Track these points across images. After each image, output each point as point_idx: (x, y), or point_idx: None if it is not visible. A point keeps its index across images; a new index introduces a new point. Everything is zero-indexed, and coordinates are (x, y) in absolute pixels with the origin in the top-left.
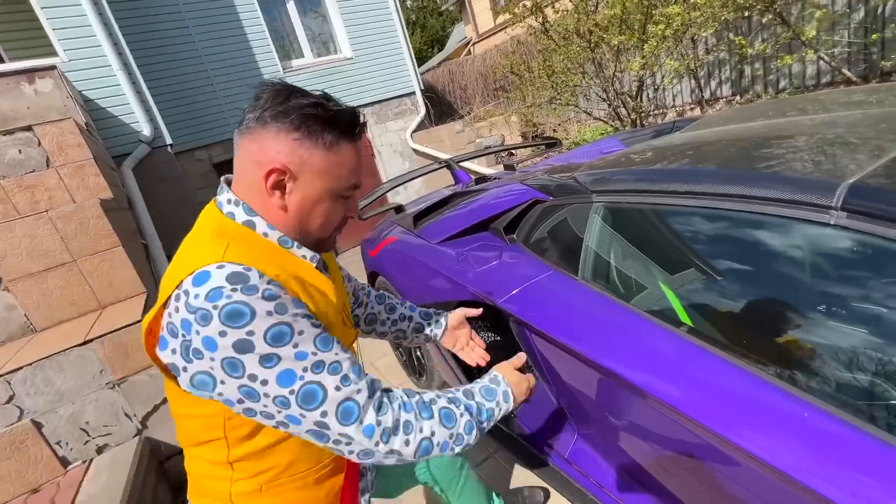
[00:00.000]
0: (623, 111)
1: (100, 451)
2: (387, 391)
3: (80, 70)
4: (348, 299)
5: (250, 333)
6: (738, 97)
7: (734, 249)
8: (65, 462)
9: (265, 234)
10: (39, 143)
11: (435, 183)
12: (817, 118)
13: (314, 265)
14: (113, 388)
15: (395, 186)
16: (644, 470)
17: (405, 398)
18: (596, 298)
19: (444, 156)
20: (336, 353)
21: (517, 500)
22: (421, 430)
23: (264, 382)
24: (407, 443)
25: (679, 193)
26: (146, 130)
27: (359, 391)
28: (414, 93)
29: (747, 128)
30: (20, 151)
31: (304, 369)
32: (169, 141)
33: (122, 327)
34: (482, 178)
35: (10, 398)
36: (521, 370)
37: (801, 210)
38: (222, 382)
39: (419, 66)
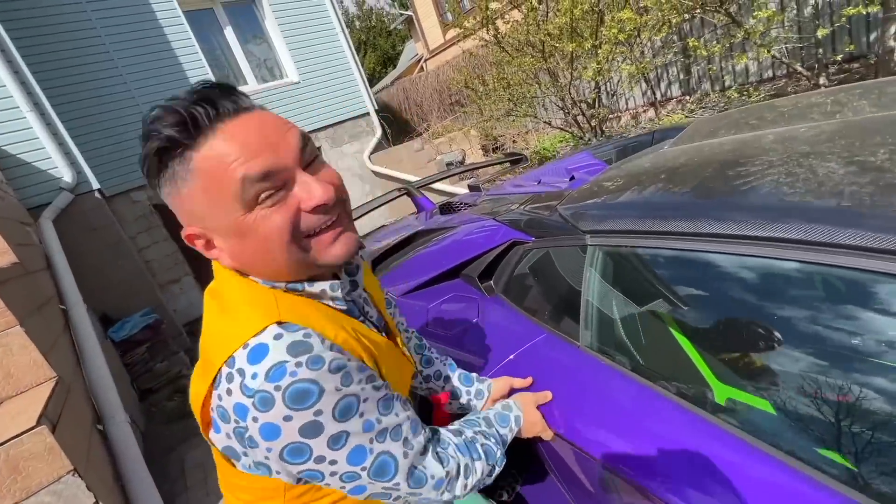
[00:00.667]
0: (581, 118)
1: None
2: (436, 434)
3: None
4: (393, 322)
5: (318, 413)
6: (688, 96)
7: (797, 312)
8: None
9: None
10: None
11: (400, 209)
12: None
13: (340, 294)
14: None
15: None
16: None
17: (453, 439)
18: (606, 373)
19: (407, 176)
20: (396, 415)
21: None
22: (475, 472)
23: (333, 462)
24: (465, 486)
25: (705, 236)
26: (67, 176)
27: (422, 452)
28: (368, 113)
29: (759, 137)
30: None
31: (372, 440)
32: (96, 185)
33: (11, 438)
34: (447, 205)
35: None
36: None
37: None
38: (283, 469)
39: (373, 85)
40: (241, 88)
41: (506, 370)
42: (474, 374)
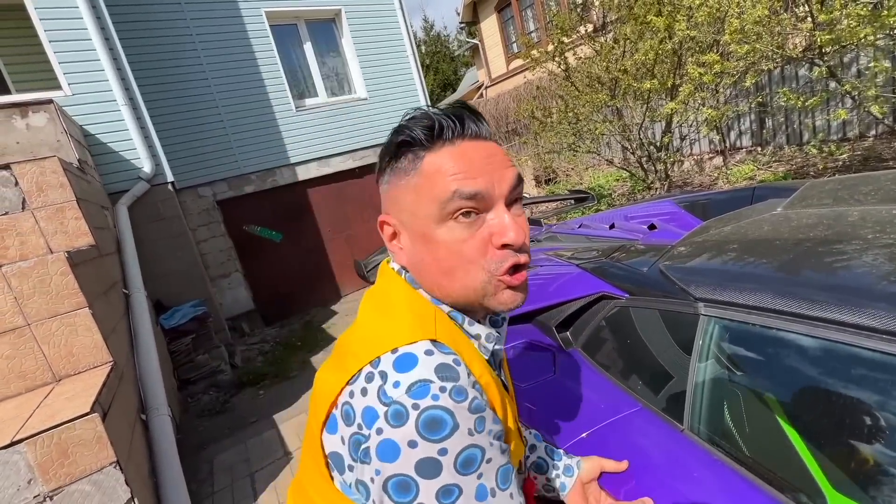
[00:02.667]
0: (646, 161)
1: None
2: None
3: (82, 104)
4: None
5: (442, 452)
6: (759, 148)
7: None
8: None
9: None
10: (16, 183)
11: None
12: None
13: (492, 346)
14: (43, 502)
15: None
16: None
17: None
18: (715, 467)
19: None
20: (511, 496)
21: None
22: None
23: None
24: None
25: (854, 327)
26: (147, 167)
27: None
28: None
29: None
30: None
31: None
32: (170, 178)
33: (65, 422)
34: None
35: None
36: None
37: None
38: (379, 500)
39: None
40: (312, 100)
41: (589, 444)
42: (561, 450)
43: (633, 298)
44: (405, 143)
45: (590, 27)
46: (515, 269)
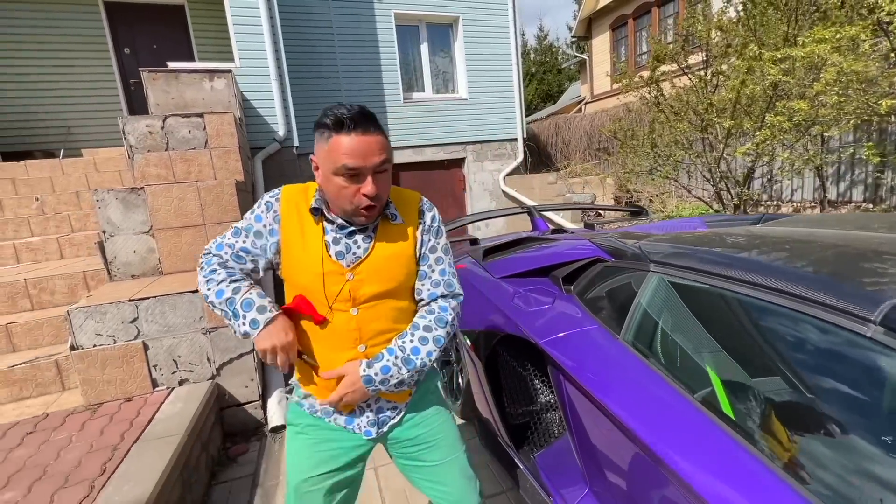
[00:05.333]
0: (727, 195)
1: (181, 383)
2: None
3: (246, 75)
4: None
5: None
6: (871, 205)
7: (773, 341)
8: (155, 384)
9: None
10: (204, 129)
11: (517, 226)
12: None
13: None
14: (205, 333)
15: (475, 221)
16: None
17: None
18: (632, 360)
19: (531, 202)
20: (227, 237)
21: None
22: (204, 285)
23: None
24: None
25: (727, 278)
26: (281, 131)
27: (216, 244)
28: (516, 139)
29: (823, 233)
30: (189, 132)
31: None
32: (296, 143)
33: None
34: (559, 230)
35: (134, 319)
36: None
37: (839, 317)
38: None
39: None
40: (418, 94)
41: (565, 341)
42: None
43: (616, 261)
44: (324, 124)
45: (693, 59)
46: (368, 208)
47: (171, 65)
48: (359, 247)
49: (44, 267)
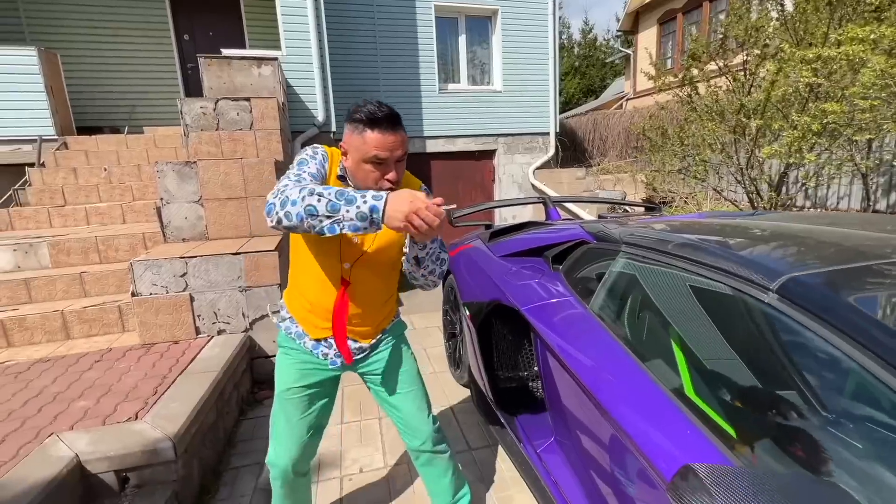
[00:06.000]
0: (756, 197)
1: (219, 332)
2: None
3: (290, 63)
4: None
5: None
6: None
7: (702, 307)
8: (198, 331)
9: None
10: (251, 111)
11: (544, 217)
12: (838, 231)
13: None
14: (242, 291)
15: (488, 209)
16: (595, 485)
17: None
18: (593, 325)
19: (555, 194)
20: (297, 175)
21: None
22: (290, 195)
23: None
24: (275, 194)
25: (669, 255)
26: (320, 117)
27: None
28: (548, 133)
29: (769, 224)
30: (237, 114)
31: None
32: (333, 128)
33: (261, 251)
34: (568, 220)
35: (184, 274)
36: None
37: (743, 285)
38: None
39: (569, 109)
40: (454, 85)
41: (537, 308)
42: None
43: (597, 244)
44: (359, 119)
45: (734, 59)
46: (390, 189)
47: (225, 51)
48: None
49: (109, 229)
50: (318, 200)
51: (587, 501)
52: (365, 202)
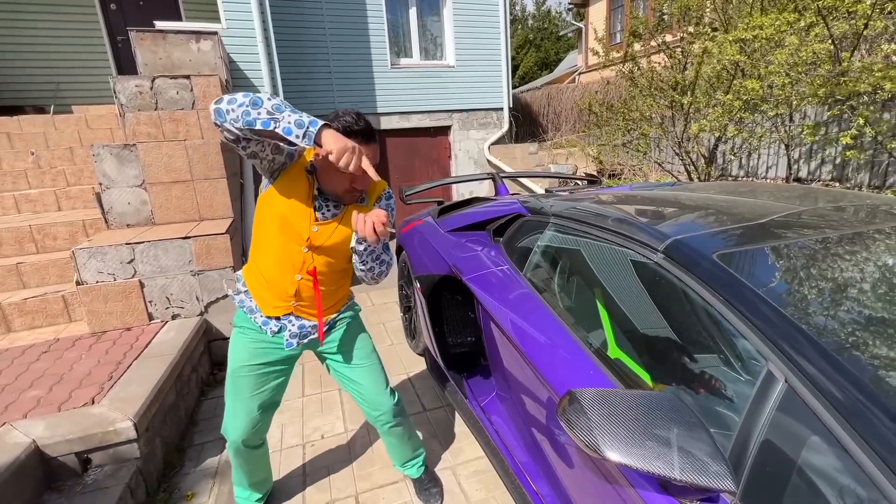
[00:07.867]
0: (692, 169)
1: (174, 317)
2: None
3: (232, 37)
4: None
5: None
6: (837, 183)
7: (606, 268)
8: (150, 317)
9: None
10: (191, 90)
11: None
12: (731, 199)
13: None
14: (194, 275)
15: (438, 186)
16: (528, 428)
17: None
18: (524, 290)
19: (509, 170)
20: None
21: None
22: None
23: None
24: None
25: (585, 223)
26: (268, 94)
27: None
28: (501, 109)
29: (684, 195)
30: (177, 93)
31: None
32: None
33: (211, 234)
34: (515, 194)
35: (131, 260)
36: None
37: (641, 248)
38: None
39: (524, 83)
40: (406, 60)
41: (478, 277)
42: None
43: (531, 216)
44: (335, 128)
45: (669, 37)
46: (355, 193)
47: (158, 24)
48: (330, 211)
49: (44, 217)
50: (269, 99)
51: (523, 445)
52: (309, 119)
